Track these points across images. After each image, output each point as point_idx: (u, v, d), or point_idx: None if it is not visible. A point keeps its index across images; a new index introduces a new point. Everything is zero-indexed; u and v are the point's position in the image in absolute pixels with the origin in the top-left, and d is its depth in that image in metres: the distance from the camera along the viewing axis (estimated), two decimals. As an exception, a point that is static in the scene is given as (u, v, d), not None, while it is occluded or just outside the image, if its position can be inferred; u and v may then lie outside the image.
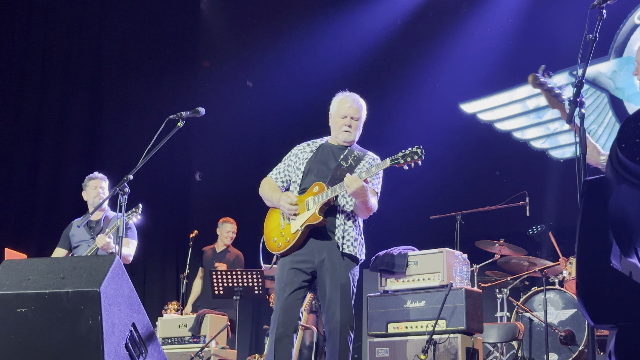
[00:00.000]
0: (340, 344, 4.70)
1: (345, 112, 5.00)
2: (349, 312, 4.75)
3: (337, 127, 5.02)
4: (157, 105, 10.43)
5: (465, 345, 5.95)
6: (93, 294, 3.51)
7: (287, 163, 5.12)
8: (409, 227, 9.57)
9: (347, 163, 4.90)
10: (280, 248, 4.88)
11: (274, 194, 4.98)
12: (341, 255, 4.78)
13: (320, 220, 4.73)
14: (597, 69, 8.84)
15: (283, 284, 4.80)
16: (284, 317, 4.73)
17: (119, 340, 3.66)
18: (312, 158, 5.00)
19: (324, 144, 5.09)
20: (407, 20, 10.58)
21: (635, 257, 2.59)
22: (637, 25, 8.40)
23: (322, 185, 4.80)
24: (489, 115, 10.06)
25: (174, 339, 7.66)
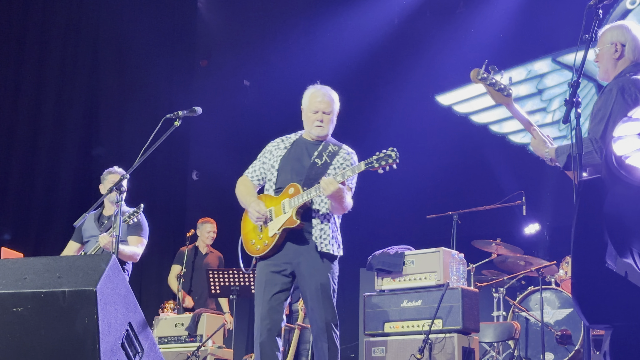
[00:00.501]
0: (329, 343, 4.70)
1: (316, 106, 4.94)
2: (331, 311, 4.75)
3: (310, 122, 4.97)
4: (154, 103, 10.42)
5: (461, 345, 5.96)
6: (89, 294, 3.51)
7: (262, 160, 5.09)
8: (405, 226, 9.57)
9: (322, 160, 4.86)
10: (259, 251, 4.86)
11: (247, 198, 4.96)
12: (319, 256, 4.77)
13: (297, 223, 4.72)
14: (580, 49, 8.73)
15: (263, 288, 4.80)
16: (268, 321, 4.72)
17: (115, 340, 3.66)
18: (286, 155, 4.96)
19: (297, 140, 5.05)
20: (404, 20, 10.58)
21: (630, 257, 2.60)
22: (629, 11, 8.30)
23: (297, 187, 4.77)
24: (465, 107, 10.05)
25: (170, 338, 7.66)
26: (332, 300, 4.78)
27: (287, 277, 4.82)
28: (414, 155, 9.98)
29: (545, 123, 9.59)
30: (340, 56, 10.49)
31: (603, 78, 4.36)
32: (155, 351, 4.03)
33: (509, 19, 9.77)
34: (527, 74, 9.72)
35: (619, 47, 4.23)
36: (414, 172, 9.72)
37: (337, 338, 4.77)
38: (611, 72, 4.27)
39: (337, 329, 4.77)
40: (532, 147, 4.42)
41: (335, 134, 5.16)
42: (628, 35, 4.24)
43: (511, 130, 9.62)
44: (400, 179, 9.59)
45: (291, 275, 4.83)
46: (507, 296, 7.90)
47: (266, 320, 4.72)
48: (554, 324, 7.40)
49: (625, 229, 2.59)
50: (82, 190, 9.77)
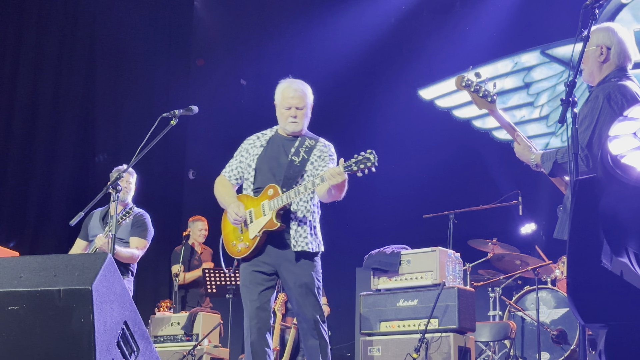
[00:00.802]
0: (319, 339, 4.72)
1: (288, 102, 4.93)
2: (317, 309, 4.75)
3: (283, 119, 4.96)
4: (151, 102, 10.41)
5: (457, 344, 5.96)
6: (85, 292, 3.50)
7: (238, 159, 5.08)
8: (401, 225, 9.57)
9: (299, 157, 4.84)
10: (240, 253, 4.87)
11: (227, 199, 4.95)
12: (300, 256, 4.77)
13: (278, 226, 4.72)
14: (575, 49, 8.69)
15: (248, 288, 4.81)
16: (256, 320, 4.73)
17: (110, 339, 3.65)
18: (262, 154, 4.94)
19: (273, 136, 5.02)
20: (400, 19, 10.58)
21: (625, 256, 2.60)
22: (624, 5, 8.07)
23: (276, 189, 4.75)
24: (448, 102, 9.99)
25: (166, 337, 7.66)
26: (318, 297, 4.78)
27: (271, 275, 4.83)
28: (411, 155, 10.00)
29: (532, 118, 9.43)
30: (336, 55, 10.49)
31: (587, 80, 4.33)
32: (151, 350, 4.03)
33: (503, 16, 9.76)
34: (513, 66, 9.53)
35: (605, 50, 4.19)
36: (410, 171, 9.73)
37: (326, 333, 4.78)
38: (596, 75, 4.24)
39: (325, 324, 4.78)
40: (517, 153, 4.44)
41: (333, 132, 5.16)
42: (614, 39, 4.21)
43: (495, 126, 9.52)
44: (397, 179, 9.61)
45: (274, 273, 4.84)
46: (503, 296, 7.91)
47: (254, 319, 4.73)
48: (549, 324, 7.41)
49: (620, 228, 2.59)
50: (78, 189, 9.77)
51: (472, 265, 7.79)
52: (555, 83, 8.82)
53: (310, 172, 4.82)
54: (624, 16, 7.99)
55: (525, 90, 9.37)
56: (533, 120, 9.37)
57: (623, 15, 8.04)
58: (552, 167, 4.18)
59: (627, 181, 2.49)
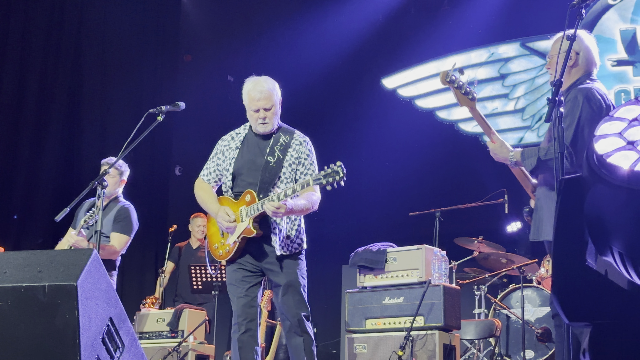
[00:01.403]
0: (303, 336, 4.72)
1: (255, 105, 4.88)
2: (303, 306, 4.76)
3: (253, 121, 4.92)
4: (137, 98, 10.38)
5: (442, 342, 5.98)
6: (70, 288, 3.49)
7: (215, 162, 5.07)
8: (388, 223, 9.59)
9: (275, 157, 4.82)
10: (222, 257, 4.90)
11: (211, 205, 4.94)
12: (283, 257, 4.78)
13: (254, 233, 4.73)
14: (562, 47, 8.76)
15: (235, 286, 4.83)
16: (243, 317, 4.74)
17: (95, 335, 3.64)
18: (239, 157, 4.92)
19: (247, 135, 4.99)
20: (388, 17, 10.59)
21: (610, 255, 2.61)
22: (610, 6, 8.17)
23: (253, 195, 4.74)
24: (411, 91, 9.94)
25: (151, 334, 7.64)
26: (303, 294, 4.78)
27: (256, 272, 4.84)
28: (398, 152, 10.01)
29: (506, 111, 9.31)
30: (324, 52, 10.49)
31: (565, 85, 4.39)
32: (136, 346, 4.02)
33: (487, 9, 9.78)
34: (488, 57, 9.42)
35: (574, 55, 4.34)
36: (397, 169, 9.74)
37: (311, 330, 4.78)
38: (565, 79, 4.33)
39: (309, 320, 4.78)
40: (493, 151, 4.48)
41: (320, 129, 5.16)
42: (582, 45, 4.37)
43: (460, 118, 9.48)
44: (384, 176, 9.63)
45: (259, 270, 4.86)
46: (488, 294, 7.94)
47: (242, 316, 4.74)
48: (534, 322, 7.44)
49: (605, 227, 2.60)
50: (64, 184, 9.73)
51: (457, 263, 7.81)
52: (534, 76, 8.74)
53: (287, 174, 4.82)
54: (610, 16, 8.11)
55: (500, 82, 9.25)
56: (507, 112, 9.27)
57: (609, 15, 8.14)
58: (536, 163, 4.22)
59: (613, 181, 2.50)
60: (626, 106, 2.78)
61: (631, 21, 7.98)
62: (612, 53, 8.29)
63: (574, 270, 2.73)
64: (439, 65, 9.35)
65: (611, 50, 8.14)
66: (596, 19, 8.14)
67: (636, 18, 7.91)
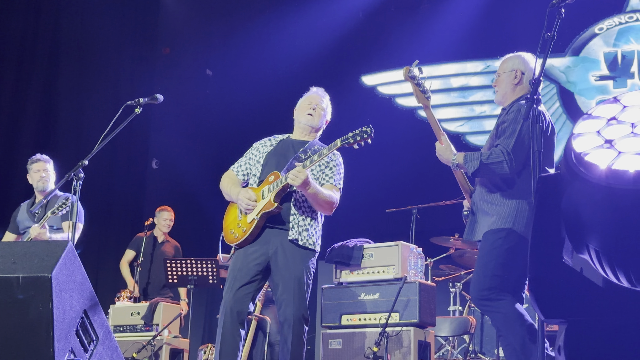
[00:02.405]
0: (293, 337, 4.64)
1: (310, 99, 5.04)
2: (303, 306, 4.69)
3: (301, 113, 5.01)
4: (115, 91, 10.32)
5: (417, 338, 5.99)
6: (44, 280, 3.46)
7: (248, 157, 5.07)
8: (365, 219, 9.60)
9: (306, 155, 4.83)
10: (238, 239, 4.81)
11: (233, 189, 4.93)
12: (296, 247, 4.73)
13: (275, 206, 4.66)
14: (550, 63, 9.33)
15: (234, 276, 4.75)
16: (233, 309, 4.68)
17: (69, 327, 3.62)
18: (272, 151, 4.96)
19: (285, 139, 5.06)
20: (369, 13, 10.60)
21: (586, 253, 2.62)
22: (597, 34, 9.23)
23: (277, 174, 4.76)
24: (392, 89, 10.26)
25: (126, 327, 7.61)
26: (306, 295, 4.72)
27: (261, 267, 4.76)
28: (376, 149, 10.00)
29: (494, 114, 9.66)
30: (304, 48, 10.48)
31: (500, 101, 4.76)
32: (111, 339, 4.00)
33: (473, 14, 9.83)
34: (484, 68, 9.91)
35: (519, 74, 4.66)
36: (374, 166, 9.75)
37: (305, 333, 4.71)
38: (509, 97, 4.67)
39: (307, 325, 4.72)
40: (439, 152, 4.70)
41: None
42: (527, 66, 4.67)
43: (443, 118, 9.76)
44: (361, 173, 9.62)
45: (265, 268, 4.77)
46: (463, 291, 7.97)
47: (231, 308, 4.68)
48: (509, 320, 7.47)
49: (582, 225, 2.61)
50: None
51: (433, 260, 7.84)
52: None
53: (315, 171, 4.82)
54: (596, 41, 9.27)
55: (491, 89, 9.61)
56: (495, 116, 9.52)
57: (595, 41, 9.28)
58: (478, 166, 4.42)
59: (590, 179, 2.51)
60: (604, 105, 2.80)
61: (614, 45, 9.22)
62: (595, 70, 9.36)
63: (551, 268, 2.74)
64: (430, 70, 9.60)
65: (595, 68, 9.25)
66: (584, 44, 9.32)
67: (618, 43, 9.14)
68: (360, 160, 9.61)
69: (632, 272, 2.54)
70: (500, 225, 4.43)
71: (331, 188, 4.84)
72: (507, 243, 4.41)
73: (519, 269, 4.39)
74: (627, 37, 9.10)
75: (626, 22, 9.10)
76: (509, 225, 4.41)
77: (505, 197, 4.47)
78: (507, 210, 4.44)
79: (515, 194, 4.46)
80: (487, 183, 4.57)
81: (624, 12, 9.22)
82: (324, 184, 4.84)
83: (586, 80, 9.35)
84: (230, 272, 4.82)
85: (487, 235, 4.50)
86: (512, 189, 4.47)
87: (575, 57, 9.31)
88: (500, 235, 4.43)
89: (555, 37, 3.70)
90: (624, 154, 2.54)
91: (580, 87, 9.37)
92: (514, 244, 4.41)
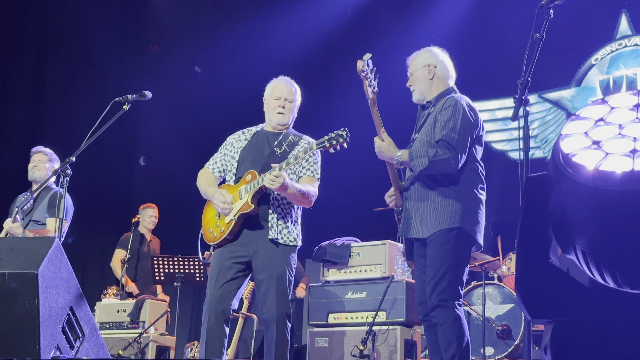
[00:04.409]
0: (277, 334, 4.64)
1: (278, 93, 4.95)
2: (285, 303, 4.69)
3: (271, 110, 4.96)
4: (103, 87, 10.28)
5: (404, 337, 6.01)
6: (30, 276, 3.46)
7: (222, 152, 5.05)
8: (352, 218, 9.60)
9: (281, 149, 4.84)
10: (216, 239, 4.81)
11: (209, 189, 4.92)
12: (276, 245, 4.73)
13: (252, 208, 4.67)
14: (560, 94, 9.89)
15: (216, 274, 4.74)
16: (216, 307, 4.67)
17: (55, 324, 3.61)
18: (246, 146, 4.94)
19: (259, 131, 5.03)
20: (357, 12, 10.60)
21: (573, 253, 2.63)
22: (593, 65, 9.72)
23: (254, 173, 4.74)
24: None
25: (112, 324, 7.59)
26: (287, 291, 4.72)
27: (242, 265, 4.75)
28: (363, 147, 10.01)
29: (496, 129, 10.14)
30: (293, 46, 10.47)
31: (419, 99, 4.73)
32: (97, 336, 3.99)
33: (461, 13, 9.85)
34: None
35: (432, 69, 4.63)
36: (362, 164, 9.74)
37: (289, 330, 4.72)
38: (427, 93, 4.66)
39: (290, 321, 4.72)
40: (380, 149, 4.66)
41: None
42: (437, 59, 4.67)
43: None
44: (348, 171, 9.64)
45: (246, 264, 4.77)
46: (450, 290, 7.97)
47: (215, 306, 4.67)
48: (495, 319, 7.50)
49: (569, 225, 2.62)
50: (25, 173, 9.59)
51: (420, 260, 7.82)
52: (545, 115, 9.92)
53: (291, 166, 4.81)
54: (593, 71, 9.73)
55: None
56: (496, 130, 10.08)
57: (592, 71, 9.74)
58: (427, 164, 4.32)
59: (578, 180, 2.52)
60: (592, 106, 2.81)
61: (607, 73, 9.73)
62: (593, 96, 9.70)
63: (538, 268, 2.75)
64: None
65: (593, 94, 9.67)
66: (584, 75, 9.79)
67: (610, 70, 9.67)
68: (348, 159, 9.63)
69: (618, 272, 2.55)
70: (449, 225, 4.32)
71: (310, 181, 4.83)
72: (458, 244, 4.33)
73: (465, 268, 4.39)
74: (617, 63, 9.68)
75: (616, 49, 9.74)
76: (458, 224, 4.31)
77: (448, 194, 4.37)
78: (452, 208, 4.34)
79: (460, 190, 4.37)
80: (424, 178, 4.45)
81: (614, 40, 9.74)
82: (301, 177, 4.85)
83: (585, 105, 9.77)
84: (212, 271, 4.82)
85: (435, 236, 4.37)
86: (457, 185, 4.37)
87: (578, 88, 9.86)
88: (450, 235, 4.33)
89: (544, 38, 3.71)
90: (611, 155, 2.56)
91: (578, 109, 9.92)
92: (464, 244, 4.36)
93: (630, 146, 2.57)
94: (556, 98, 10.09)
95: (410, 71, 4.77)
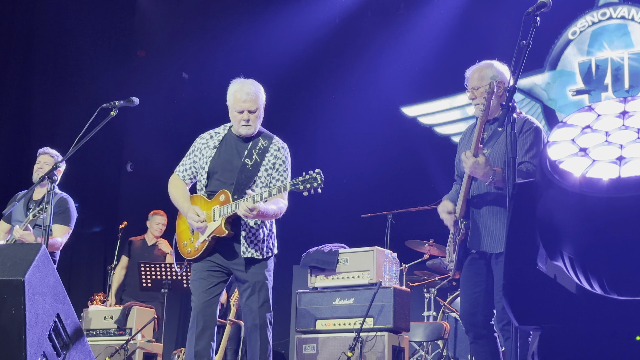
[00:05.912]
0: (261, 339, 4.72)
1: (240, 106, 4.85)
2: (266, 308, 4.77)
3: (236, 122, 4.90)
4: (90, 93, 10.25)
5: (391, 344, 6.01)
6: (17, 283, 3.44)
7: (192, 159, 5.02)
8: (340, 224, 9.61)
9: (252, 160, 4.82)
10: (190, 254, 4.88)
11: (183, 204, 4.91)
12: (251, 261, 4.79)
13: (226, 233, 4.73)
14: (532, 81, 9.13)
15: (198, 283, 4.81)
16: (203, 314, 4.72)
17: (42, 331, 3.59)
18: (216, 157, 4.90)
19: (226, 136, 4.98)
20: (345, 19, 10.62)
21: (560, 260, 2.65)
22: (570, 41, 8.83)
23: (227, 195, 4.74)
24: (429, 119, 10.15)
25: (99, 331, 7.55)
26: (268, 296, 4.80)
27: (223, 273, 4.84)
28: (351, 154, 10.04)
29: None
30: (280, 52, 10.47)
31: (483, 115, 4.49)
32: (84, 344, 3.98)
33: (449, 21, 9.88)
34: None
35: (501, 85, 4.51)
36: (350, 170, 9.76)
37: (270, 334, 4.78)
38: (495, 110, 4.55)
39: (271, 326, 4.79)
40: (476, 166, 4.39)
41: (274, 129, 5.13)
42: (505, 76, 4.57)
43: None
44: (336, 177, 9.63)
45: (226, 272, 4.85)
46: (437, 296, 7.99)
47: (201, 313, 4.72)
48: (482, 325, 7.50)
49: (556, 232, 2.64)
50: (12, 177, 9.56)
51: (408, 266, 7.85)
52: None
53: (263, 178, 4.82)
54: (571, 50, 8.87)
55: None
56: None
57: (570, 50, 8.88)
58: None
59: (565, 186, 2.53)
60: (579, 113, 2.83)
61: (587, 53, 8.69)
62: (572, 84, 8.99)
63: (525, 274, 2.76)
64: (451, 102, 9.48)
65: (571, 82, 8.87)
66: (559, 55, 8.87)
67: (591, 50, 8.59)
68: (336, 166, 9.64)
69: (604, 279, 2.56)
70: None
71: (278, 196, 4.77)
72: None
73: None
74: (601, 41, 8.66)
75: (599, 20, 8.55)
76: None
77: None
78: None
79: None
80: (494, 193, 4.46)
81: (597, 8, 8.71)
82: (271, 185, 4.83)
83: (564, 97, 9.07)
84: (193, 281, 4.87)
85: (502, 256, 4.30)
86: None
87: (553, 72, 9.09)
88: None
89: (531, 45, 3.72)
90: (598, 162, 2.57)
91: (560, 103, 9.17)
92: None
93: (616, 153, 2.58)
94: (528, 86, 9.00)
95: (473, 85, 4.61)
